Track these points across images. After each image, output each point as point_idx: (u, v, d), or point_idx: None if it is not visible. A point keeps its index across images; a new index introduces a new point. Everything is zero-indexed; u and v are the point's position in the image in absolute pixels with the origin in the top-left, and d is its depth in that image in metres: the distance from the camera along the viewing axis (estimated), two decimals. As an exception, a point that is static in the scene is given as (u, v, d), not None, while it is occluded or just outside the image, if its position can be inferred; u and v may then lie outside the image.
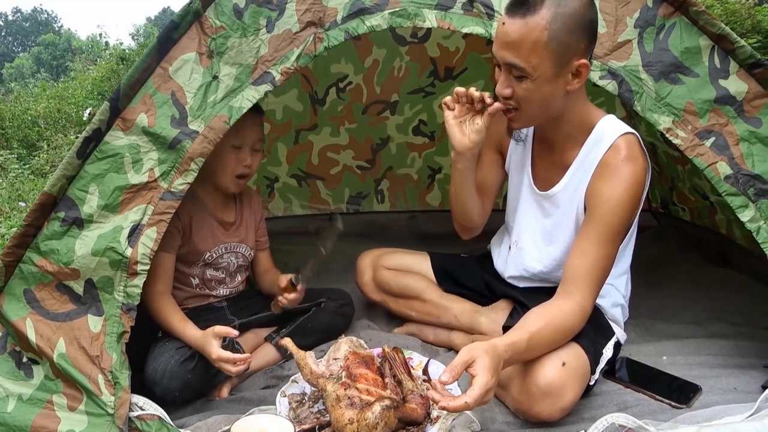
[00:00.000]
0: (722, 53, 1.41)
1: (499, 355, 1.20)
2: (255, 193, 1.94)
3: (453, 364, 1.16)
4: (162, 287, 1.60)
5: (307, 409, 1.43)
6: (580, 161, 1.47)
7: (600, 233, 1.39)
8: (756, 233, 1.39)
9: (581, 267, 1.38)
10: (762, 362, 1.59)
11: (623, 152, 1.39)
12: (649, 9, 1.42)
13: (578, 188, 1.47)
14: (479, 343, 1.21)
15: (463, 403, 1.10)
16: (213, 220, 1.74)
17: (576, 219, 1.50)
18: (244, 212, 1.83)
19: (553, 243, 1.57)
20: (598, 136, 1.44)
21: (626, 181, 1.38)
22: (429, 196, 2.99)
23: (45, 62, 30.49)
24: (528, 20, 1.25)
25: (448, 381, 1.13)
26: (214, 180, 1.69)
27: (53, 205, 1.37)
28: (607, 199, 1.39)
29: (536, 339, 1.29)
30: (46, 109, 7.28)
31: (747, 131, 1.40)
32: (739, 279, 2.14)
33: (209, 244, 1.72)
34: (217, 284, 1.79)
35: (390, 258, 1.93)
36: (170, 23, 1.39)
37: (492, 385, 1.14)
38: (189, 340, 1.52)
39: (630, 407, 1.43)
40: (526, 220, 1.63)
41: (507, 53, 1.29)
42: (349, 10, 1.44)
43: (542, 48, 1.26)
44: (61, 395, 1.36)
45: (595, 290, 1.39)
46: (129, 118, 1.38)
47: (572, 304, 1.36)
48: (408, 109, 2.73)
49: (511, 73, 1.32)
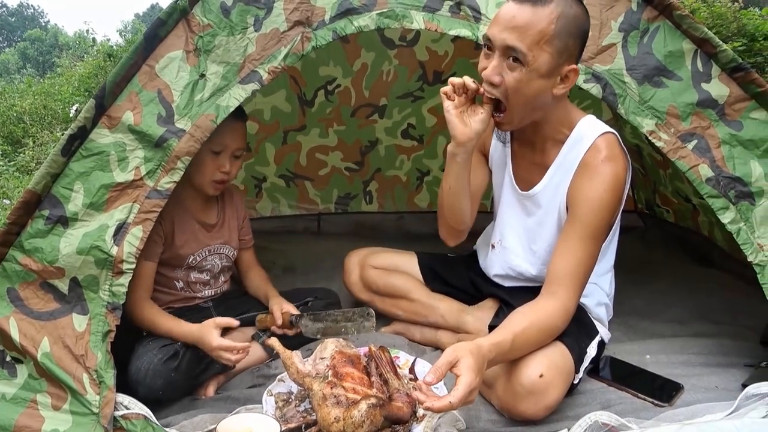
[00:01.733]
0: (705, 57, 1.42)
1: (483, 355, 1.20)
2: (237, 191, 1.91)
3: (437, 364, 1.16)
4: (143, 293, 1.59)
5: (293, 408, 1.43)
6: (560, 161, 1.48)
7: (582, 233, 1.40)
8: (736, 235, 1.41)
9: (564, 267, 1.40)
10: (743, 361, 1.61)
11: (603, 152, 1.40)
12: (633, 13, 1.44)
13: (559, 188, 1.48)
14: (463, 343, 1.22)
15: (447, 403, 1.11)
16: (195, 222, 1.72)
17: (558, 219, 1.51)
18: (226, 212, 1.82)
19: (536, 242, 1.58)
20: (578, 136, 1.45)
21: (607, 180, 1.39)
22: (417, 198, 2.99)
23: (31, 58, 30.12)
24: (537, 10, 1.26)
25: (433, 381, 1.14)
26: (192, 182, 1.67)
27: (37, 203, 1.36)
28: (589, 198, 1.40)
29: (520, 339, 1.31)
30: (31, 106, 7.18)
31: (728, 134, 1.42)
32: (721, 278, 2.16)
33: (192, 248, 1.71)
34: (202, 286, 1.78)
35: (377, 257, 1.94)
36: (157, 20, 1.38)
37: (476, 384, 1.15)
38: (185, 333, 1.52)
39: (613, 405, 1.44)
40: (509, 219, 1.64)
41: (511, 36, 1.27)
42: (337, 9, 1.45)
43: (546, 41, 1.27)
44: (45, 394, 1.35)
45: (578, 290, 1.41)
46: (115, 115, 1.37)
47: (556, 304, 1.37)
48: (397, 112, 2.73)
49: (506, 59, 1.31)
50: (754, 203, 1.41)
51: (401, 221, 3.00)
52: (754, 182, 1.41)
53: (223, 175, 1.65)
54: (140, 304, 1.57)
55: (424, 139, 2.82)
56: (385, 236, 2.80)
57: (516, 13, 1.27)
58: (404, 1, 1.45)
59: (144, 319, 1.56)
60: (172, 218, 1.66)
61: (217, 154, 1.61)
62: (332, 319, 1.56)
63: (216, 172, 1.64)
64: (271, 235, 2.77)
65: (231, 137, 1.61)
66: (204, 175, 1.64)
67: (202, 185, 1.67)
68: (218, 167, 1.63)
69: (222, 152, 1.62)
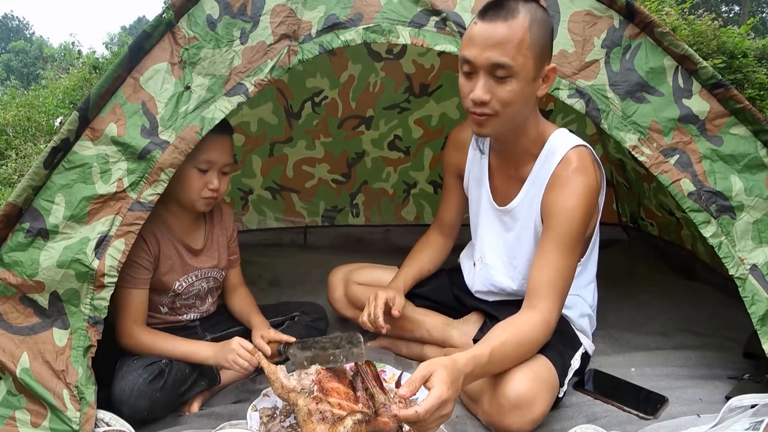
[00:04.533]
0: (686, 73, 1.45)
1: (458, 369, 1.20)
2: (226, 207, 1.84)
3: (411, 378, 1.16)
4: (140, 320, 1.56)
5: (278, 424, 1.41)
6: (534, 175, 1.50)
7: (557, 244, 1.41)
8: (718, 248, 1.43)
9: (543, 279, 1.41)
10: (726, 373, 1.63)
11: (573, 164, 1.43)
12: (615, 30, 1.47)
13: (534, 202, 1.50)
14: (439, 358, 1.21)
15: (414, 413, 1.09)
16: (181, 246, 1.65)
17: (535, 232, 1.53)
18: (214, 232, 1.75)
19: (516, 257, 1.59)
20: (550, 150, 1.48)
21: (578, 191, 1.41)
22: (404, 211, 2.99)
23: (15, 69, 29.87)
24: (511, 23, 1.28)
25: (407, 395, 1.13)
26: (179, 200, 1.60)
27: (18, 216, 1.34)
28: (561, 209, 1.42)
29: (499, 352, 1.30)
30: (15, 117, 7.10)
31: (709, 149, 1.45)
32: (704, 291, 2.19)
33: (177, 274, 1.64)
34: (187, 309, 1.72)
35: (361, 273, 1.93)
36: (142, 33, 1.38)
37: (447, 397, 1.13)
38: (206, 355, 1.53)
39: (599, 419, 1.45)
40: (489, 236, 1.65)
41: (494, 53, 1.29)
42: (324, 24, 1.45)
43: (527, 48, 1.29)
44: (24, 411, 1.33)
45: (558, 301, 1.41)
46: (98, 128, 1.36)
47: (537, 317, 1.38)
48: (383, 124, 2.75)
49: (492, 77, 1.32)
50: (735, 217, 1.43)
51: (388, 234, 2.99)
52: (734, 197, 1.43)
53: (212, 192, 1.58)
54: (137, 332, 1.54)
55: (411, 151, 2.84)
56: (371, 249, 2.80)
57: (491, 32, 1.29)
58: (391, 17, 1.47)
59: (150, 347, 1.53)
60: (158, 242, 1.60)
61: (203, 171, 1.56)
62: (320, 347, 1.54)
63: (204, 189, 1.57)
64: (258, 248, 2.76)
65: (217, 153, 1.56)
66: (191, 193, 1.57)
67: (191, 203, 1.59)
68: (206, 184, 1.57)
69: (209, 170, 1.56)
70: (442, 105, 2.67)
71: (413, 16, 1.47)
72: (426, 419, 1.11)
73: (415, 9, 1.47)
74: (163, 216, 1.62)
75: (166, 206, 1.60)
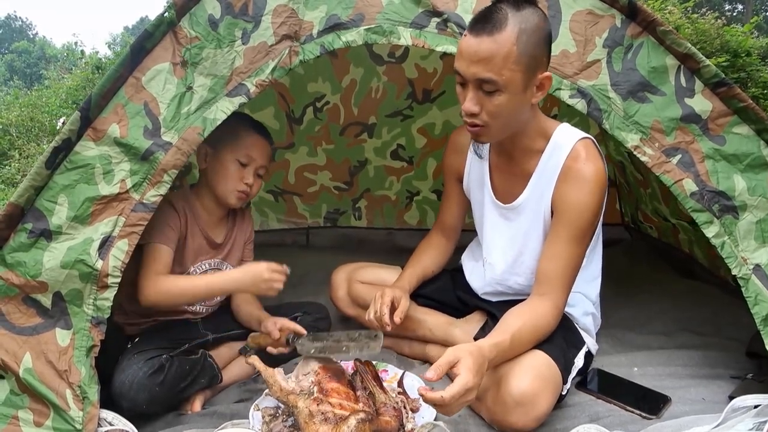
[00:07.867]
0: (688, 72, 1.44)
1: (483, 356, 1.24)
2: (248, 212, 1.90)
3: (438, 362, 1.20)
4: (163, 270, 1.55)
5: (280, 423, 1.41)
6: (541, 170, 1.50)
7: (570, 235, 1.44)
8: (720, 248, 1.42)
9: (554, 269, 1.44)
10: (729, 373, 1.62)
11: (583, 155, 1.44)
12: (617, 29, 1.46)
13: (543, 196, 1.51)
14: (464, 345, 1.26)
15: (439, 397, 1.15)
16: (202, 237, 1.71)
17: (543, 226, 1.53)
18: (234, 231, 1.81)
19: (524, 253, 1.59)
20: (556, 144, 1.48)
21: (590, 182, 1.43)
22: (407, 215, 2.97)
23: (18, 70, 29.91)
24: (496, 37, 1.27)
25: (433, 378, 1.18)
26: (215, 191, 1.67)
27: (20, 216, 1.34)
28: (575, 202, 1.44)
29: (517, 338, 1.36)
30: (18, 118, 7.14)
31: (712, 149, 1.44)
32: (706, 290, 2.18)
33: (196, 257, 1.69)
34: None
35: (364, 272, 1.94)
36: (144, 33, 1.38)
37: (473, 385, 1.18)
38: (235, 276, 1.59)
39: (601, 418, 1.44)
40: (495, 235, 1.65)
41: (479, 69, 1.30)
42: (325, 24, 1.45)
43: (513, 62, 1.28)
44: (27, 411, 1.33)
45: (566, 290, 1.46)
46: (100, 128, 1.36)
47: (547, 304, 1.43)
48: (386, 132, 2.71)
49: (481, 90, 1.33)
50: (738, 217, 1.43)
51: (391, 236, 2.98)
52: (737, 196, 1.43)
53: (245, 187, 1.66)
54: (160, 281, 1.52)
55: (414, 160, 2.80)
56: (374, 250, 2.78)
57: (477, 46, 1.29)
58: (392, 18, 1.47)
59: (173, 292, 1.54)
60: (186, 222, 1.65)
61: (243, 165, 1.65)
62: (334, 339, 1.55)
63: (240, 183, 1.65)
64: (260, 249, 2.73)
65: (258, 152, 1.66)
66: (228, 183, 1.65)
67: (225, 194, 1.67)
68: (242, 178, 1.65)
69: (248, 165, 1.65)
70: (445, 112, 2.64)
71: (414, 17, 1.47)
72: (450, 404, 1.17)
73: (417, 10, 1.47)
74: (194, 205, 1.70)
75: (200, 198, 1.70)
